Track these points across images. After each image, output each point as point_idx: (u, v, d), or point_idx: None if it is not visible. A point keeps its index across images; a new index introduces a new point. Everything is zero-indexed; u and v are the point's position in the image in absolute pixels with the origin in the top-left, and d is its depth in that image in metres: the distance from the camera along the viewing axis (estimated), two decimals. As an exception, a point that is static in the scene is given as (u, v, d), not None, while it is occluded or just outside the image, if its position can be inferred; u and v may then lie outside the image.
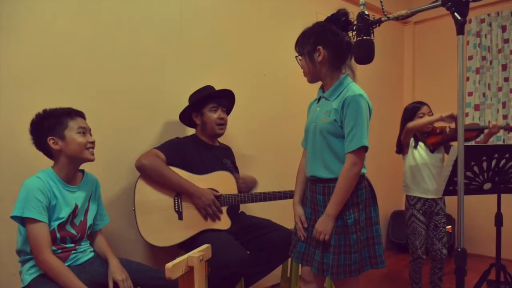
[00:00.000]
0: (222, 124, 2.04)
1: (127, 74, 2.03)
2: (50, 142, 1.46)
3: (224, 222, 1.89)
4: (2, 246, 1.63)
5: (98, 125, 1.76)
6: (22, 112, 1.65)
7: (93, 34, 1.92)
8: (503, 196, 2.09)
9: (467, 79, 3.40)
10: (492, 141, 2.78)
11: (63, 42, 1.82)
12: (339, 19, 1.44)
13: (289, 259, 2.13)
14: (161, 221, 1.81)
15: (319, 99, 1.55)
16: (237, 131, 2.50)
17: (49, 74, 1.78)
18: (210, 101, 2.02)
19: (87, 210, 1.58)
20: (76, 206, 1.51)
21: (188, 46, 2.27)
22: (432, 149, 2.28)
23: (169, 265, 1.07)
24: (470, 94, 3.45)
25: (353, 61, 1.47)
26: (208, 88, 2.09)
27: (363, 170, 1.46)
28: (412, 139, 2.32)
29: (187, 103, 2.11)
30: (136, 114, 2.06)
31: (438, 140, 2.24)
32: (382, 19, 1.38)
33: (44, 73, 1.77)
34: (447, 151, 2.32)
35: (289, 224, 1.83)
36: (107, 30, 1.97)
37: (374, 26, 1.38)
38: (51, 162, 1.53)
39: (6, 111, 1.66)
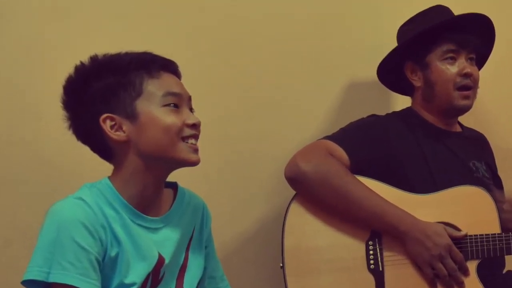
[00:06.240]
0: (469, 87, 1.70)
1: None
2: (106, 125, 1.18)
3: (472, 295, 1.57)
4: None
5: (207, 96, 1.59)
6: (46, 64, 1.53)
7: None
8: None
9: None
10: None
11: None
12: None
13: None
14: (338, 291, 1.58)
15: None
16: (496, 104, 2.14)
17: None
18: (443, 38, 1.70)
19: (184, 267, 1.29)
20: (161, 260, 1.21)
21: None
22: None
23: None
24: None
25: None
26: (438, 11, 1.76)
27: None
28: None
29: (391, 44, 1.78)
30: (286, 70, 1.86)
31: None
32: None
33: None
34: None
35: None
36: None
37: None
38: (107, 169, 1.26)
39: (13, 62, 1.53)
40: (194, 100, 1.26)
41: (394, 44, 1.77)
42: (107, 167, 1.25)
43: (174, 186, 1.33)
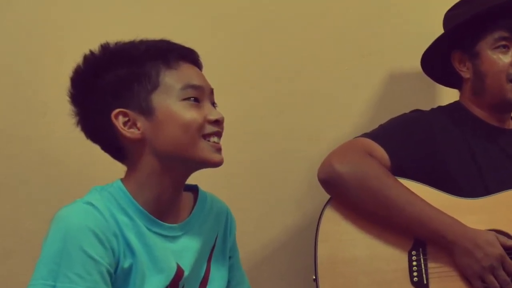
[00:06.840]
0: (525, 79, 1.69)
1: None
2: (119, 121, 1.15)
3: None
4: None
5: (231, 89, 1.63)
6: (51, 53, 1.53)
7: None
8: None
9: None
10: None
11: None
12: None
13: None
14: (378, 305, 1.58)
15: None
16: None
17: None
18: (495, 25, 1.64)
19: (205, 280, 1.27)
20: (180, 272, 1.18)
21: None
22: None
23: None
24: None
25: None
26: (491, -6, 1.72)
27: None
28: None
29: (437, 31, 1.71)
30: (320, 59, 1.82)
31: None
32: None
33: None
34: None
35: None
36: None
37: None
38: (120, 170, 1.23)
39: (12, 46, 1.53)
40: (216, 94, 1.21)
41: (440, 31, 1.68)
42: (120, 168, 1.20)
43: (194, 189, 1.28)
